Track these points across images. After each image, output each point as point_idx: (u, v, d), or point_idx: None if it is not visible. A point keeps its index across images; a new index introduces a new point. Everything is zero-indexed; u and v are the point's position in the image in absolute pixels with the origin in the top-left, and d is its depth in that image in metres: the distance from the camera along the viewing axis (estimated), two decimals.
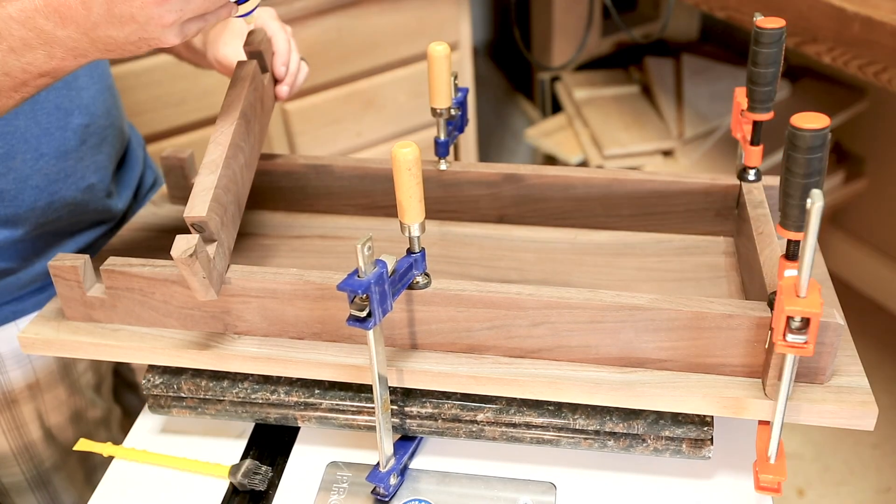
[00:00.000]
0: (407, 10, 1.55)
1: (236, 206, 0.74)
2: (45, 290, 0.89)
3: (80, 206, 0.88)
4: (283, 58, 0.84)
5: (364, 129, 1.64)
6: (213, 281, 0.66)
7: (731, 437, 0.74)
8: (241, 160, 0.75)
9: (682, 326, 0.64)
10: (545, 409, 0.70)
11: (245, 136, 0.76)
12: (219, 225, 0.68)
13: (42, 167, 0.82)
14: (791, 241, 0.61)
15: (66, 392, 0.94)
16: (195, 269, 0.63)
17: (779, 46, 0.70)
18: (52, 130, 0.82)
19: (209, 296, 0.66)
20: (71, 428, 0.97)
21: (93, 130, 0.87)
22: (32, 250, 0.86)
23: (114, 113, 0.92)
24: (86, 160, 0.87)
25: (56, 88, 0.81)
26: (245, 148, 0.76)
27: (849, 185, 1.86)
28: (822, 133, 0.55)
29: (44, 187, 0.83)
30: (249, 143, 0.77)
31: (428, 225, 0.80)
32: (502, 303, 0.66)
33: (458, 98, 0.84)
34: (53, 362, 0.91)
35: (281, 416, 0.75)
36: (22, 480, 0.95)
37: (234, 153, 0.73)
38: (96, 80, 0.87)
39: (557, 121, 1.98)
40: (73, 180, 0.86)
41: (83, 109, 0.85)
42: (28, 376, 0.89)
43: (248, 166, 0.77)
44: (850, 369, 0.66)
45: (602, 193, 0.85)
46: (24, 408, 0.91)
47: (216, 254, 0.67)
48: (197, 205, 0.67)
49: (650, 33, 1.99)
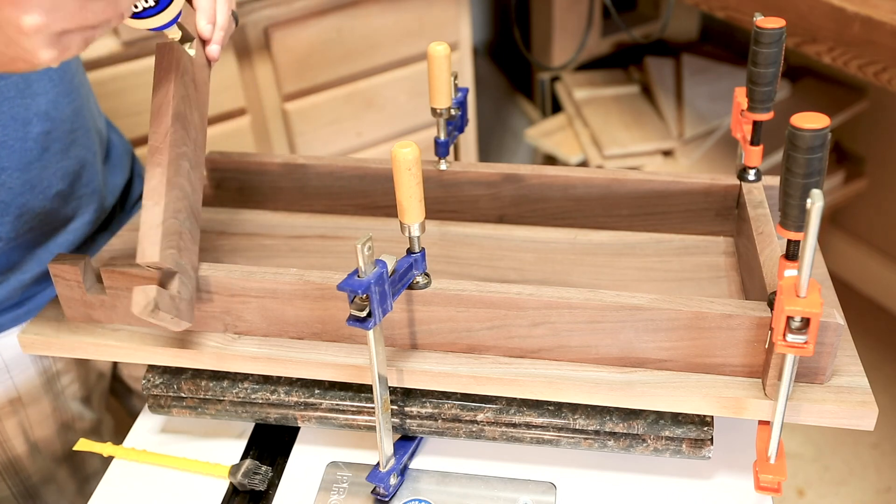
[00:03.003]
0: (407, 10, 1.55)
1: (192, 219, 0.70)
2: (22, 305, 0.86)
3: (50, 215, 0.85)
4: (208, 14, 0.73)
5: (364, 129, 1.64)
6: (182, 314, 0.64)
7: (731, 437, 0.74)
8: (186, 166, 0.70)
9: (682, 326, 0.64)
10: (545, 409, 0.70)
11: (185, 139, 0.70)
12: (176, 256, 0.65)
13: (5, 181, 0.79)
14: (791, 241, 0.61)
15: (51, 405, 0.91)
16: (160, 317, 0.61)
17: (779, 46, 0.70)
18: (9, 143, 0.78)
19: (182, 327, 0.65)
20: (59, 440, 0.94)
21: (56, 136, 0.83)
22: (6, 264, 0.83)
23: (83, 114, 0.87)
24: (51, 168, 0.83)
25: (8, 98, 0.77)
26: (188, 151, 0.70)
27: (849, 185, 1.86)
28: (822, 133, 0.55)
29: (10, 201, 0.80)
30: (191, 140, 0.71)
31: (428, 225, 0.80)
32: (502, 303, 0.66)
33: (458, 98, 0.84)
34: (36, 376, 0.88)
35: (281, 416, 0.75)
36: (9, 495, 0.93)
37: (176, 168, 0.68)
38: (56, 83, 0.82)
39: (557, 121, 1.98)
40: (40, 189, 0.82)
41: (42, 116, 0.81)
42: (9, 391, 0.87)
43: (195, 167, 0.72)
44: (850, 369, 0.66)
45: (602, 193, 0.85)
46: (6, 423, 0.88)
47: (180, 285, 0.65)
48: (147, 248, 0.63)
49: (650, 33, 1.99)
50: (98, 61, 1.31)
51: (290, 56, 1.48)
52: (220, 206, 0.94)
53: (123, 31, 1.32)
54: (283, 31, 1.46)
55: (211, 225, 0.91)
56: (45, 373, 0.89)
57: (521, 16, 2.02)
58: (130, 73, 1.35)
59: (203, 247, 0.87)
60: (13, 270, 0.84)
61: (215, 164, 0.91)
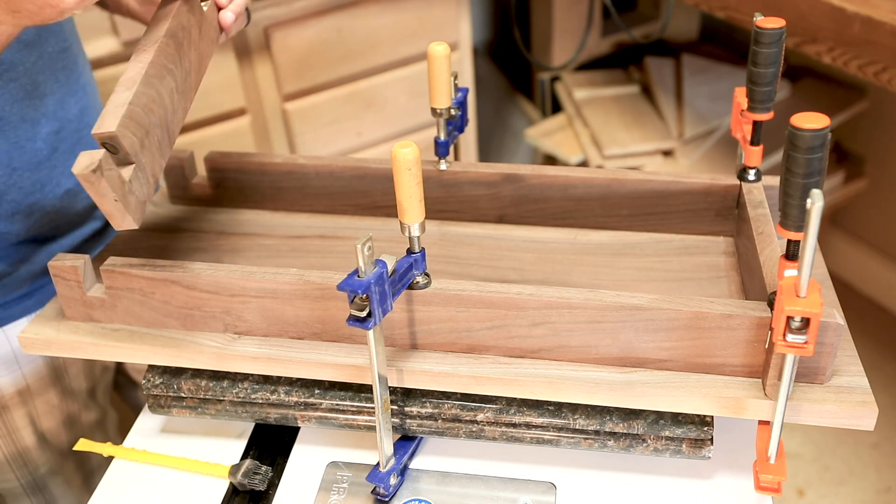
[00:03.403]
0: (407, 10, 1.55)
1: (164, 131, 0.67)
2: (31, 296, 0.87)
3: (60, 213, 0.86)
4: None
5: (364, 129, 1.64)
6: (129, 207, 0.60)
7: (731, 437, 0.74)
8: (171, 84, 0.68)
9: (682, 326, 0.64)
10: (545, 409, 0.70)
11: (176, 60, 0.68)
12: (136, 146, 0.62)
13: (16, 181, 0.80)
14: (791, 241, 0.61)
15: (59, 397, 0.93)
16: (101, 188, 0.58)
17: (779, 46, 0.70)
18: (21, 143, 0.80)
19: (126, 223, 0.61)
20: (65, 432, 0.96)
21: (65, 136, 0.84)
22: (17, 257, 0.85)
23: (89, 113, 0.89)
24: (59, 167, 0.84)
25: (18, 100, 0.79)
26: (176, 72, 0.68)
27: (849, 185, 1.86)
28: (822, 133, 0.55)
29: (20, 200, 0.81)
30: (183, 68, 0.70)
31: (428, 225, 0.80)
32: (502, 303, 0.66)
33: (458, 98, 0.84)
34: (43, 367, 0.89)
35: (281, 416, 0.75)
36: (17, 486, 0.94)
37: (158, 73, 0.66)
38: (62, 83, 0.84)
39: (557, 121, 1.98)
40: (50, 188, 0.84)
41: (50, 116, 0.82)
42: (17, 382, 0.88)
43: (180, 93, 0.70)
44: (850, 369, 0.66)
45: (602, 193, 0.85)
46: (15, 413, 0.90)
47: (133, 177, 0.61)
48: (106, 120, 0.60)
49: (650, 33, 1.99)
50: (98, 61, 1.31)
51: (290, 56, 1.48)
52: (220, 206, 0.94)
53: (123, 30, 1.32)
54: (283, 31, 1.46)
55: (211, 225, 0.91)
56: (53, 364, 0.90)
57: (521, 16, 2.02)
58: None
59: (203, 247, 0.88)
60: (23, 263, 0.85)
61: (215, 164, 0.91)
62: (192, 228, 0.91)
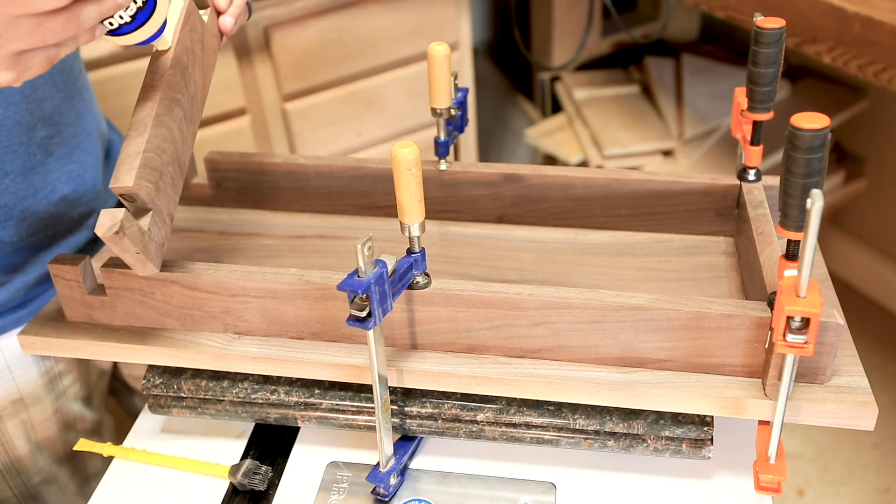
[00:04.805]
0: (407, 10, 1.55)
1: (175, 166, 0.68)
2: (25, 307, 0.86)
3: (55, 219, 0.85)
4: None
5: (364, 129, 1.64)
6: (149, 255, 0.61)
7: (731, 437, 0.74)
8: (179, 114, 0.68)
9: (682, 326, 0.64)
10: (545, 409, 0.70)
11: (182, 87, 0.68)
12: (152, 192, 0.63)
13: (8, 186, 0.79)
14: (791, 241, 0.61)
15: (53, 406, 0.91)
16: (125, 245, 0.59)
17: (779, 46, 0.70)
18: (14, 147, 0.78)
19: (148, 271, 0.62)
20: (60, 441, 0.94)
21: (59, 141, 0.83)
22: (10, 266, 0.83)
23: (85, 118, 0.87)
24: (54, 172, 0.83)
25: (14, 103, 0.77)
26: (183, 100, 0.69)
27: (849, 185, 1.86)
28: (822, 133, 0.55)
29: (13, 206, 0.80)
30: (188, 93, 0.70)
31: (428, 225, 0.80)
32: (502, 303, 0.66)
33: (458, 98, 0.84)
34: (38, 377, 0.88)
35: (281, 416, 0.75)
36: (10, 496, 0.93)
37: (167, 108, 0.66)
38: (59, 87, 0.82)
39: (557, 121, 1.98)
40: (44, 195, 0.82)
41: (46, 121, 0.81)
42: (11, 392, 0.87)
43: (188, 119, 0.70)
44: (850, 369, 0.66)
45: (602, 193, 0.85)
46: (7, 423, 0.88)
47: (151, 224, 0.62)
48: (123, 174, 0.60)
49: (650, 33, 1.99)
50: (98, 61, 1.31)
51: (290, 56, 1.48)
52: (220, 206, 0.94)
53: None
54: (283, 31, 1.46)
55: (211, 225, 0.91)
56: (47, 373, 0.89)
57: (521, 16, 2.02)
58: (130, 73, 1.35)
59: (203, 247, 0.88)
60: (16, 272, 0.84)
61: (215, 164, 0.91)
62: (192, 228, 0.91)
